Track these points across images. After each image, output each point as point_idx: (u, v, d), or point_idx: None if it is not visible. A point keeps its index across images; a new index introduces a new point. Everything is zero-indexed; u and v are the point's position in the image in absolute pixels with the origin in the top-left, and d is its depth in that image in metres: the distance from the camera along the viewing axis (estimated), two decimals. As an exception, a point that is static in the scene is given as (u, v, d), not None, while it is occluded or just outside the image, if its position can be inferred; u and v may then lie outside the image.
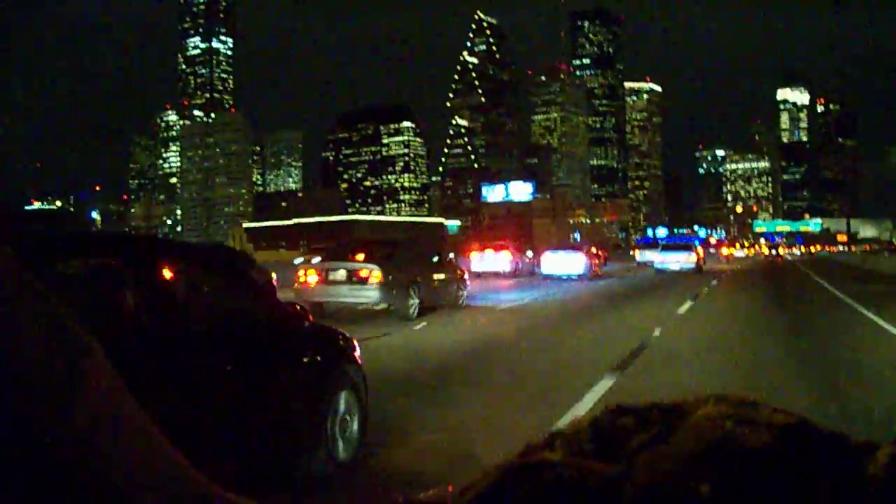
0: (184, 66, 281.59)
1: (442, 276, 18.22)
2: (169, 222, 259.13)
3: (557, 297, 23.22)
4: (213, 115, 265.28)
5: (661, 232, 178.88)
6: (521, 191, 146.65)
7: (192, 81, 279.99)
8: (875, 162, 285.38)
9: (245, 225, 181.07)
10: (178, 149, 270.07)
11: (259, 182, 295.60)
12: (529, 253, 41.07)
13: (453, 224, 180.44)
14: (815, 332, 14.28)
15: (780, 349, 11.59)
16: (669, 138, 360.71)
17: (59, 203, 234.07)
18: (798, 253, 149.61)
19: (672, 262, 41.03)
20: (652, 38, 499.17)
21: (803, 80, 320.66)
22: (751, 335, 13.59)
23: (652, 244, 64.71)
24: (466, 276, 20.19)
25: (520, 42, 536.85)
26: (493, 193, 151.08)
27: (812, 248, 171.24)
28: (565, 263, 33.80)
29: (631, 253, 71.91)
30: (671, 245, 45.72)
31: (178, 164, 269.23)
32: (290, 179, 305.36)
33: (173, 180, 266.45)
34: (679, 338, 12.96)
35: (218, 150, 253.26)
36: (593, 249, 40.83)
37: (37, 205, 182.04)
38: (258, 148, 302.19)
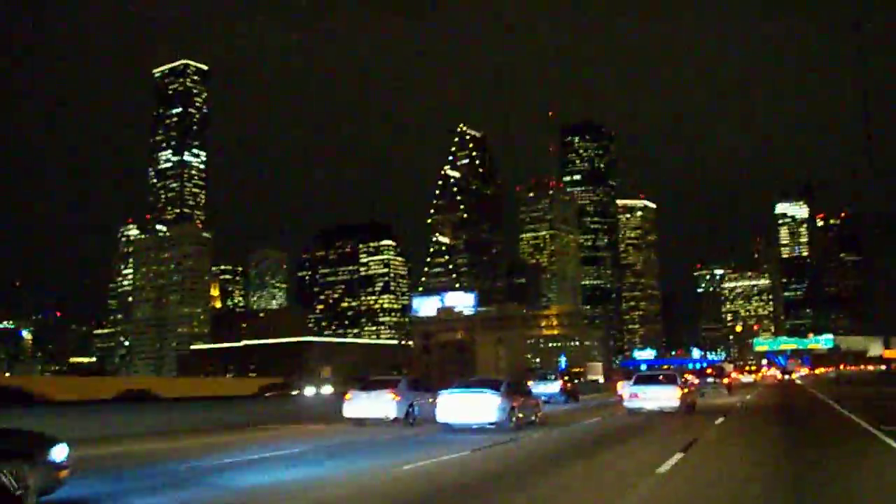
0: (155, 180, 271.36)
1: None
2: (126, 343, 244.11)
3: (373, 482, 11.57)
4: (170, 229, 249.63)
5: (648, 354, 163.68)
6: (459, 303, 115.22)
7: (163, 196, 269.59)
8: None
9: (193, 347, 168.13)
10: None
11: (241, 303, 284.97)
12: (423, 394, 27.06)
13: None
14: None
15: None
16: (666, 257, 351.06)
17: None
18: (799, 375, 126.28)
19: (648, 399, 29.92)
20: (645, 153, 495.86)
21: (802, 194, 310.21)
22: None
23: (632, 373, 51.88)
24: (64, 454, 8.96)
25: (507, 157, 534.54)
26: (426, 306, 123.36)
27: (817, 370, 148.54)
28: (472, 407, 21.45)
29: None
30: (648, 377, 32.75)
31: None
32: (275, 301, 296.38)
33: (130, 299, 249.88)
34: None
35: (173, 265, 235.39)
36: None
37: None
38: (240, 268, 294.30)
